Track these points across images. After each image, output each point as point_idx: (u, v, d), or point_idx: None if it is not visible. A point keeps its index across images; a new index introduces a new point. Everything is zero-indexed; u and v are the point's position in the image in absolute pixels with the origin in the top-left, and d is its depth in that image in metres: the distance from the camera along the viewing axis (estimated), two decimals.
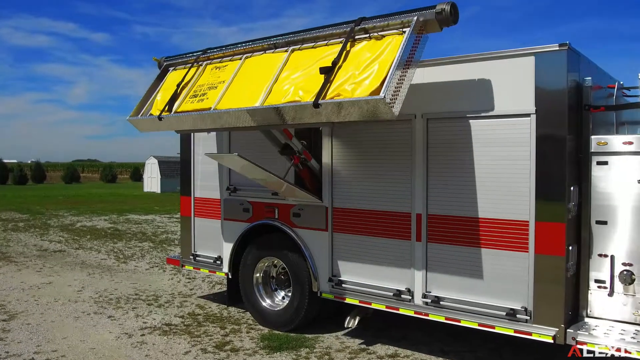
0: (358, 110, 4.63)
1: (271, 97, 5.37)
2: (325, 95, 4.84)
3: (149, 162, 38.22)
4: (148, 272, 10.44)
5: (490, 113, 5.11)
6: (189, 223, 7.96)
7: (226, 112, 5.70)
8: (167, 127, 6.64)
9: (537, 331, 4.93)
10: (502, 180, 5.08)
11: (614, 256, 4.93)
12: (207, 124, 6.13)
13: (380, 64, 4.71)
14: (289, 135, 6.14)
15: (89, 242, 14.27)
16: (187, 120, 6.26)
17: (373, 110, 4.54)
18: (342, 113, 4.75)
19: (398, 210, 5.74)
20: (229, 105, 5.74)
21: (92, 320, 7.25)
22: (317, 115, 4.89)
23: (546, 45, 4.80)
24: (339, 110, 4.75)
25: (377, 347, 6.24)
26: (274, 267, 7.14)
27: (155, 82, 7.14)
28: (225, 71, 6.22)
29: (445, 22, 4.73)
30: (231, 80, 6.01)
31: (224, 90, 5.95)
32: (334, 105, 4.76)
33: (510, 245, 5.06)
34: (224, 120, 5.81)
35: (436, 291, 5.53)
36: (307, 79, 5.19)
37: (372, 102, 4.49)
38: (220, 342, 6.38)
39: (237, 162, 6.18)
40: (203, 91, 6.21)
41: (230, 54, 6.37)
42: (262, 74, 5.70)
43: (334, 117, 4.84)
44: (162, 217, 20.37)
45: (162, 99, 6.67)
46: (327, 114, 4.84)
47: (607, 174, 4.96)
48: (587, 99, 5.00)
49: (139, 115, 6.88)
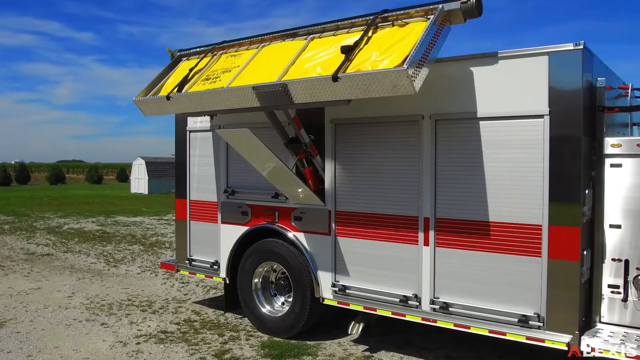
0: (379, 84, 4.51)
1: (288, 75, 5.27)
2: (345, 70, 4.76)
3: (136, 163, 37.74)
4: (140, 277, 10.19)
5: (501, 114, 4.96)
6: (185, 227, 7.74)
7: (239, 89, 5.52)
8: (175, 108, 6.41)
9: (551, 338, 4.79)
10: (513, 183, 4.94)
11: (628, 261, 4.81)
12: (217, 104, 5.87)
13: (403, 45, 4.67)
14: (298, 125, 5.97)
15: (77, 245, 13.96)
16: (196, 100, 6.03)
17: (394, 84, 4.43)
18: (362, 87, 4.62)
19: (405, 214, 5.58)
20: (242, 84, 5.58)
21: (84, 327, 7.00)
22: (336, 90, 4.76)
23: (560, 45, 4.66)
24: (359, 85, 4.63)
25: (382, 354, 6.08)
26: (274, 272, 6.95)
27: (166, 69, 7.00)
28: (241, 58, 6.13)
29: (470, 13, 4.77)
30: (247, 64, 5.92)
31: (238, 72, 5.84)
32: (354, 79, 4.65)
33: (522, 250, 4.92)
34: (236, 99, 5.60)
35: (445, 297, 5.37)
36: (327, 60, 5.13)
37: (394, 74, 4.40)
38: (219, 350, 6.18)
39: (246, 140, 5.81)
40: (216, 75, 6.08)
41: (247, 44, 6.32)
42: (280, 58, 5.62)
43: (354, 92, 4.70)
44: (150, 219, 20.06)
45: (172, 83, 6.53)
46: (346, 88, 4.71)
47: (621, 176, 4.84)
48: (601, 100, 4.88)
49: (146, 97, 6.69)
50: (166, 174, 36.55)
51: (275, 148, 5.98)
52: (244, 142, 5.97)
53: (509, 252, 4.99)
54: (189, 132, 7.58)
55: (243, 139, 5.88)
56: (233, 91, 5.63)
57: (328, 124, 6.10)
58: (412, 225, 5.54)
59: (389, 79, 4.46)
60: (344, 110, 5.94)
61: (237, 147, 6.21)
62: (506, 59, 4.96)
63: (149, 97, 6.63)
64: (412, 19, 5.01)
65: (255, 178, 6.79)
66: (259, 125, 6.14)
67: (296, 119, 5.93)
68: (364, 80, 4.61)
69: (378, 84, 4.53)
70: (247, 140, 5.83)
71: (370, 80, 4.57)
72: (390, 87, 4.48)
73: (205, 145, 7.40)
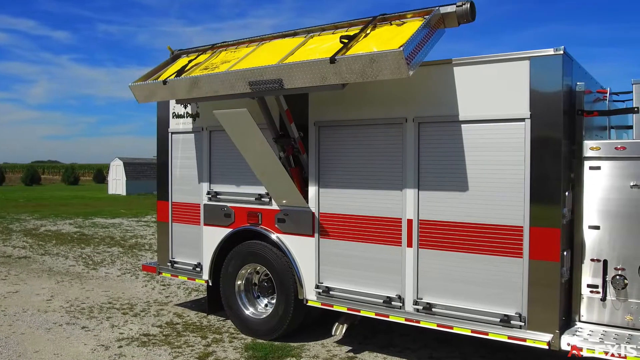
0: (375, 67, 4.69)
1: (286, 61, 5.47)
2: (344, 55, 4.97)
3: (114, 164, 37.32)
4: (120, 279, 10.09)
5: (483, 117, 5.04)
6: (167, 229, 7.69)
7: (235, 72, 5.67)
8: (170, 93, 6.46)
9: (532, 337, 4.87)
10: (495, 185, 5.02)
11: (606, 261, 4.92)
12: (212, 89, 5.94)
13: (400, 37, 4.90)
14: (289, 118, 6.02)
15: (55, 247, 13.76)
16: (191, 84, 6.10)
17: (389, 66, 4.63)
18: (358, 70, 4.79)
19: (388, 216, 5.63)
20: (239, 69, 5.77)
21: (64, 331, 6.92)
22: (332, 73, 4.90)
23: (541, 50, 4.76)
24: (355, 67, 4.79)
25: (365, 354, 6.12)
26: (257, 274, 6.94)
27: (164, 63, 7.12)
28: (241, 52, 6.34)
29: (464, 17, 5.06)
30: (246, 56, 6.13)
31: (236, 62, 6.00)
32: (351, 60, 4.83)
33: (504, 250, 5.01)
34: (232, 83, 5.71)
35: (428, 298, 5.43)
36: (326, 48, 5.36)
37: (390, 56, 4.59)
38: (202, 352, 6.16)
39: (242, 123, 5.78)
40: (215, 65, 6.24)
41: (247, 42, 6.54)
42: (279, 50, 5.84)
43: (350, 75, 4.86)
44: (129, 220, 19.86)
45: (170, 72, 6.68)
46: (343, 71, 4.87)
47: (599, 178, 4.95)
48: (580, 104, 4.98)
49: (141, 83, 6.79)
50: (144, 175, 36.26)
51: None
52: (239, 126, 5.94)
53: (491, 253, 5.07)
54: (171, 134, 7.55)
55: (239, 121, 5.85)
56: (229, 74, 5.74)
57: (312, 126, 6.12)
58: (395, 227, 5.59)
59: (385, 61, 4.63)
60: (328, 112, 5.99)
61: (230, 131, 6.10)
62: (488, 63, 5.04)
63: (144, 83, 6.72)
64: (409, 19, 5.27)
65: (239, 180, 6.81)
66: None
67: (288, 112, 6.00)
68: (360, 63, 4.77)
69: (374, 66, 4.69)
70: (243, 124, 5.82)
71: (367, 62, 4.73)
72: (386, 69, 4.66)
73: (188, 147, 7.37)
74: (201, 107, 7.15)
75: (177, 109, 7.43)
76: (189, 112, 7.29)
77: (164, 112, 7.61)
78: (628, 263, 4.83)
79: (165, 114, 7.59)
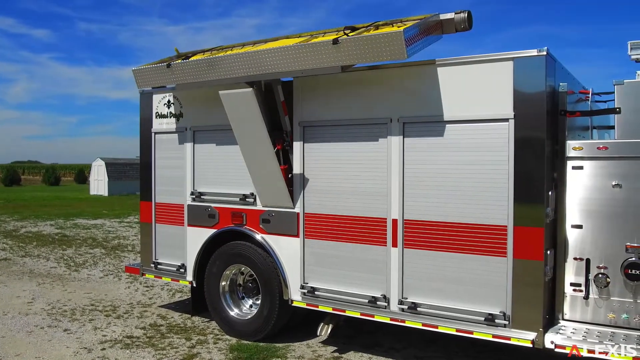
0: (376, 48, 4.95)
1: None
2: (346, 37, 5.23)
3: (96, 164, 36.89)
4: (103, 281, 9.98)
5: (468, 117, 5.07)
6: (150, 229, 7.62)
7: (241, 54, 5.87)
8: (173, 78, 6.57)
9: (516, 335, 4.91)
10: (480, 185, 5.05)
11: (589, 260, 4.97)
12: (219, 72, 6.07)
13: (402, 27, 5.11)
14: (284, 110, 6.10)
15: (35, 249, 13.57)
16: (197, 68, 6.26)
17: (389, 48, 4.89)
18: (360, 51, 5.04)
19: (373, 216, 5.64)
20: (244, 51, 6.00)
21: (46, 334, 6.82)
22: (335, 54, 5.16)
23: (524, 51, 4.79)
24: (357, 48, 5.06)
25: (351, 354, 6.12)
26: (241, 274, 6.91)
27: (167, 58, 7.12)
28: (246, 48, 6.53)
29: (462, 24, 5.36)
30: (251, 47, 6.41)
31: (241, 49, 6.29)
32: (353, 42, 5.10)
33: (488, 250, 5.04)
34: (237, 65, 5.87)
35: (413, 297, 5.44)
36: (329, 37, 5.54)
37: (391, 36, 4.88)
38: (187, 354, 6.11)
39: (245, 104, 5.90)
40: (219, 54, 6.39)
41: (252, 42, 6.72)
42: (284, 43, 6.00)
43: (352, 57, 5.11)
44: (112, 221, 19.66)
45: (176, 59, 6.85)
46: (345, 52, 5.12)
47: (582, 178, 5.00)
48: (563, 104, 5.03)
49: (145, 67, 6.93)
50: (127, 176, 35.91)
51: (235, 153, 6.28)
52: (242, 108, 5.98)
53: (476, 253, 5.10)
54: (154, 134, 7.48)
55: (243, 102, 5.92)
56: (231, 57, 5.94)
57: (297, 127, 6.11)
58: (380, 227, 5.60)
59: (385, 42, 4.90)
60: (313, 112, 6.00)
61: (231, 114, 6.12)
62: (473, 64, 5.07)
63: (147, 67, 6.85)
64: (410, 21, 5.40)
65: (223, 181, 6.78)
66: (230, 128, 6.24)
67: (284, 103, 6.05)
68: (362, 44, 5.02)
69: (375, 47, 4.95)
70: (246, 105, 5.89)
71: (368, 44, 4.99)
72: (386, 51, 4.91)
73: (171, 147, 7.31)
74: (185, 107, 7.11)
75: (160, 109, 7.38)
76: (173, 112, 7.24)
77: (147, 112, 7.54)
78: (610, 262, 4.88)
79: (149, 114, 7.52)
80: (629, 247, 4.79)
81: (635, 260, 4.74)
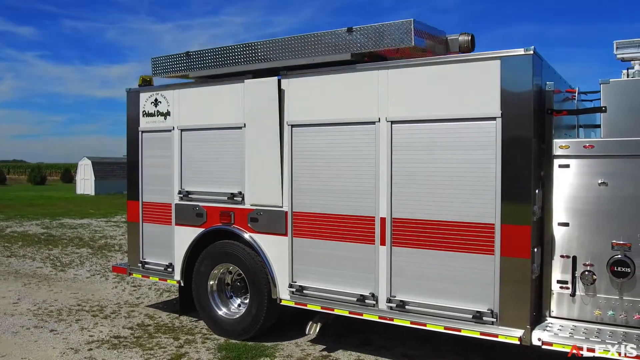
0: (388, 35, 5.44)
1: None
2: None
3: (82, 163, 36.60)
4: (89, 281, 9.91)
5: (455, 116, 5.09)
6: (137, 229, 7.57)
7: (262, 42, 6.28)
8: (189, 68, 6.89)
9: (504, 333, 4.94)
10: (467, 183, 5.07)
11: (575, 257, 5.01)
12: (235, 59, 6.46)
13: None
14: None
15: (21, 249, 13.44)
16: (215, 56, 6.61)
17: (399, 35, 5.35)
18: (373, 38, 5.52)
19: (362, 214, 5.64)
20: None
21: (32, 335, 6.76)
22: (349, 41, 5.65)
23: (511, 50, 4.81)
24: (370, 36, 5.54)
25: (339, 353, 6.13)
26: (230, 273, 6.89)
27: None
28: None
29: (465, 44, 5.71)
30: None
31: None
32: (366, 30, 5.58)
33: (475, 248, 5.06)
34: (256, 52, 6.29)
35: (401, 295, 5.46)
36: None
37: (401, 24, 5.34)
38: (175, 354, 6.08)
39: (266, 93, 6.18)
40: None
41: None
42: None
43: (366, 43, 5.58)
44: (98, 221, 19.53)
45: None
46: (358, 39, 5.61)
47: (568, 176, 5.04)
48: (550, 103, 5.06)
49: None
50: (113, 175, 35.67)
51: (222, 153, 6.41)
52: (263, 98, 6.20)
53: (463, 251, 5.12)
54: (141, 133, 7.43)
55: (266, 92, 6.17)
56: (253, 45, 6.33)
57: (286, 126, 6.10)
58: (368, 225, 5.61)
59: (396, 29, 5.35)
60: (301, 112, 5.99)
61: (252, 103, 6.34)
62: (460, 63, 5.10)
63: (165, 55, 7.17)
64: None
65: (211, 180, 6.76)
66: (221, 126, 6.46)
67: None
68: (375, 31, 5.51)
69: (387, 34, 5.42)
70: (268, 95, 6.14)
71: (381, 31, 5.47)
72: (395, 37, 5.38)
73: (159, 146, 7.27)
74: (172, 105, 7.07)
75: (147, 108, 7.33)
76: (160, 111, 7.20)
77: (134, 111, 7.49)
78: (596, 259, 4.92)
79: (136, 113, 7.47)
80: (614, 245, 4.83)
81: (621, 257, 4.78)
